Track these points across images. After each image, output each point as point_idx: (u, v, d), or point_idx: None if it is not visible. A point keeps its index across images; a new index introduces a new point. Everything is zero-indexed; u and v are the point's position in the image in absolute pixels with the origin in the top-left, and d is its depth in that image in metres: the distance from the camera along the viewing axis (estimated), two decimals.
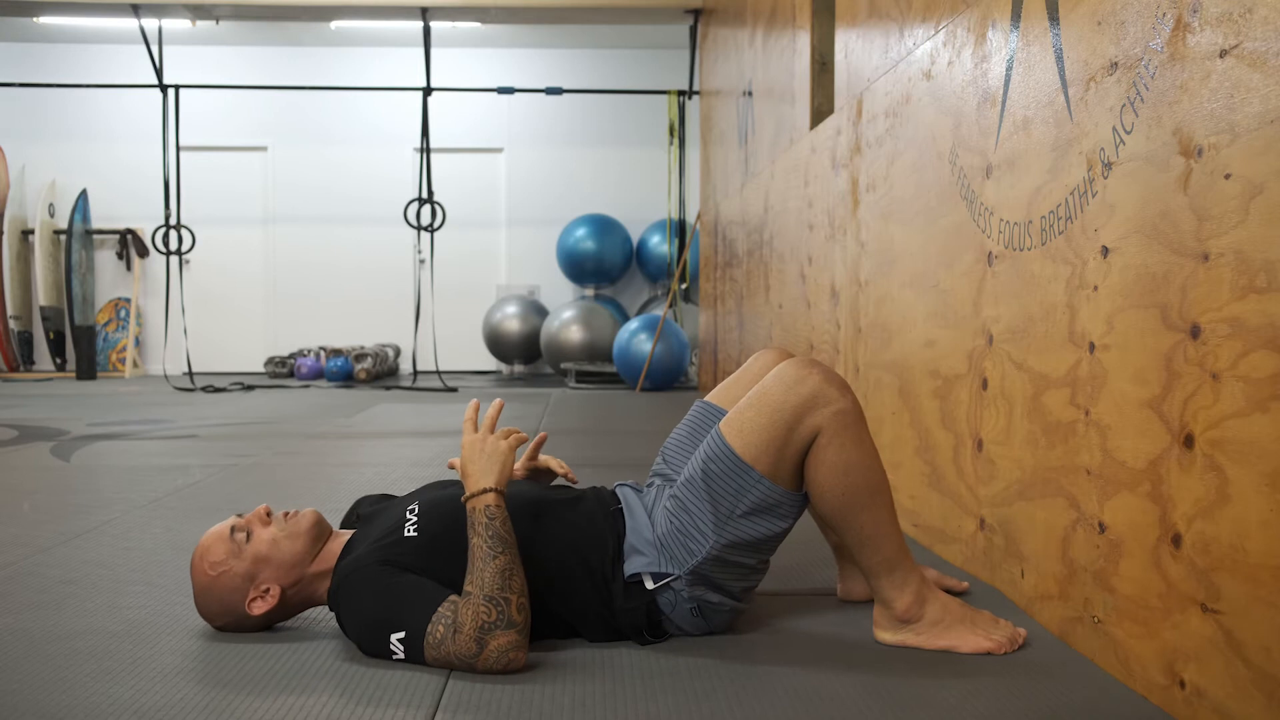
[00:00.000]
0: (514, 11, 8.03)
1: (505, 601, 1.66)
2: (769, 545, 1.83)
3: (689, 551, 1.80)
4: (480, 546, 1.70)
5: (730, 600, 1.85)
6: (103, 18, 8.39)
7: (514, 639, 1.66)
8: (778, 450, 1.75)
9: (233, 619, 1.87)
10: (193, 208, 8.86)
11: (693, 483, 1.81)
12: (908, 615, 1.81)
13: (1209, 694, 1.44)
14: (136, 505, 3.16)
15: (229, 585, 1.84)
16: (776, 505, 1.78)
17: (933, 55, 2.58)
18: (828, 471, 1.76)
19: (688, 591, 1.82)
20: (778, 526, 1.80)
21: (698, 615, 1.84)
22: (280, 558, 1.84)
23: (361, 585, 1.74)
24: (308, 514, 1.89)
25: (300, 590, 1.87)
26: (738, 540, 1.79)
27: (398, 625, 1.69)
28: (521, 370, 9.40)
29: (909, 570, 1.81)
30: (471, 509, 1.74)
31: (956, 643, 1.79)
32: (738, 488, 1.77)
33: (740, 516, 1.78)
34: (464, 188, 9.68)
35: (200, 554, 1.85)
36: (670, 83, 8.93)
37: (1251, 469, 1.34)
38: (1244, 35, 1.37)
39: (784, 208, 4.47)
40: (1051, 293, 1.92)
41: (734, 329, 5.98)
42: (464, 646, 1.65)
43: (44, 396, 7.26)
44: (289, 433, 5.20)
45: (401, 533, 1.81)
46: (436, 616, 1.67)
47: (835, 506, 1.78)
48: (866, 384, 3.14)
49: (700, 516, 1.79)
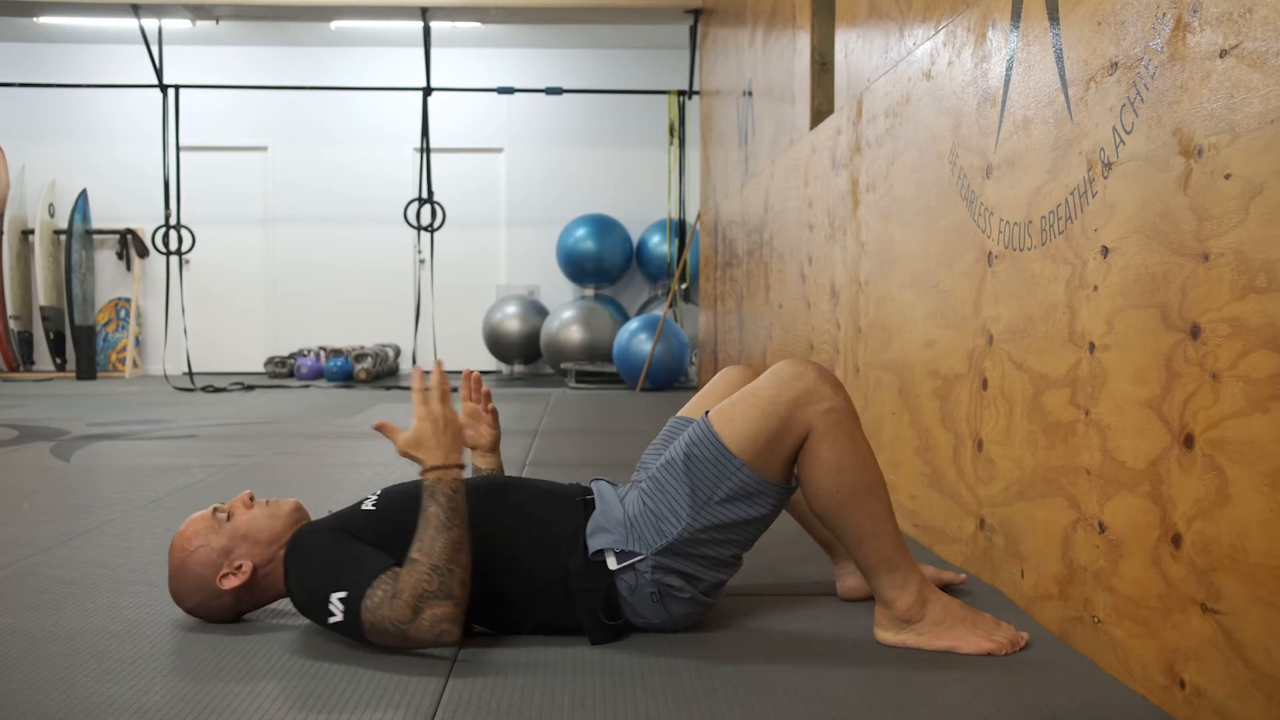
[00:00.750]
0: (514, 11, 8.03)
1: (449, 573, 1.67)
2: (744, 534, 1.81)
3: (659, 532, 1.78)
4: (437, 515, 1.70)
5: (693, 590, 1.83)
6: (103, 18, 8.39)
7: (450, 610, 1.67)
8: (767, 444, 1.75)
9: (201, 597, 1.88)
10: (193, 208, 8.87)
11: (673, 465, 1.80)
12: (909, 615, 1.80)
13: (1209, 694, 1.44)
14: (136, 505, 3.16)
15: (204, 559, 1.86)
16: (756, 494, 1.77)
17: (933, 55, 2.58)
18: (821, 468, 1.76)
19: (651, 575, 1.80)
20: (755, 512, 1.78)
21: (658, 601, 1.81)
22: (258, 534, 1.87)
23: (311, 546, 1.79)
24: (290, 500, 1.96)
25: (271, 573, 1.88)
26: (712, 524, 1.77)
27: (339, 585, 1.72)
28: (521, 370, 9.40)
29: (909, 570, 1.81)
30: (436, 480, 1.73)
31: (958, 643, 1.78)
32: (719, 474, 1.76)
33: (718, 502, 1.77)
34: (464, 188, 9.68)
35: (180, 535, 1.89)
36: (670, 83, 8.93)
37: (1251, 469, 1.34)
38: (1244, 35, 1.37)
39: (784, 208, 4.47)
40: (1051, 293, 1.92)
41: (734, 329, 5.98)
42: (399, 612, 1.66)
43: (44, 396, 7.26)
44: (289, 433, 5.20)
45: (359, 507, 1.87)
46: (378, 581, 1.69)
47: (830, 504, 1.77)
48: (866, 384, 3.14)
49: (676, 498, 1.78)
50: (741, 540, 1.83)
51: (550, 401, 6.83)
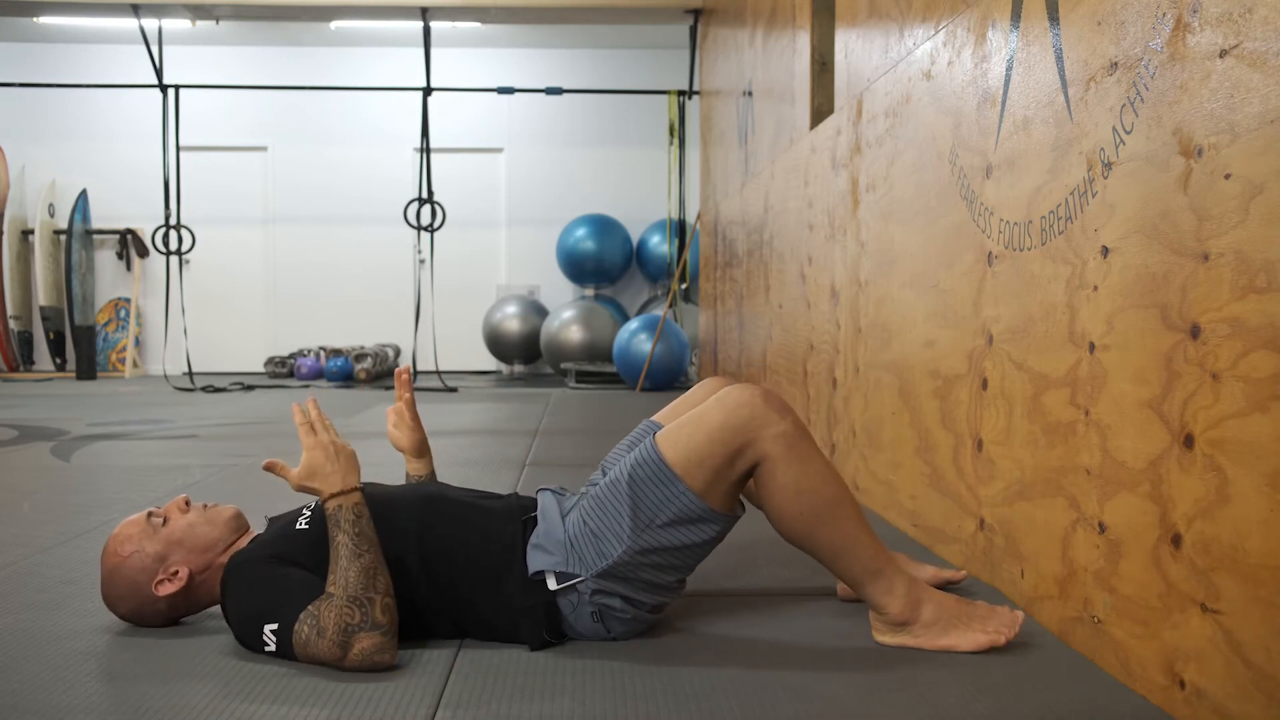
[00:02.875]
0: (514, 11, 8.03)
1: (369, 602, 1.65)
2: (685, 559, 1.79)
3: (600, 554, 1.76)
4: (345, 544, 1.69)
5: (634, 610, 1.81)
6: (103, 18, 8.39)
7: (379, 641, 1.65)
8: (713, 470, 1.73)
9: (135, 603, 1.86)
10: (193, 208, 8.86)
11: (616, 485, 1.77)
12: (902, 618, 1.79)
13: (1209, 694, 1.44)
14: (136, 505, 3.15)
15: (138, 565, 1.84)
16: (699, 520, 1.74)
17: (933, 55, 2.58)
18: (782, 495, 1.73)
19: (590, 597, 1.78)
20: (697, 538, 1.76)
21: (598, 621, 1.80)
22: (194, 541, 1.86)
23: (246, 576, 1.76)
24: (229, 507, 1.94)
25: (207, 580, 1.87)
26: (653, 547, 1.74)
27: (272, 617, 1.70)
28: (521, 370, 9.40)
29: (894, 574, 1.79)
30: (337, 507, 1.72)
31: (956, 642, 1.78)
32: (662, 498, 1.73)
33: (659, 526, 1.74)
34: (464, 188, 9.68)
35: (113, 538, 1.87)
36: (670, 83, 8.93)
37: (1251, 469, 1.34)
38: (1244, 35, 1.37)
39: (784, 208, 4.47)
40: (1051, 293, 1.92)
41: (734, 329, 5.98)
42: (328, 650, 1.65)
43: (44, 396, 7.26)
44: (289, 433, 5.20)
45: (294, 526, 1.83)
46: (305, 615, 1.67)
47: (799, 528, 1.76)
48: (866, 384, 3.14)
49: (619, 519, 1.75)
50: (682, 565, 1.80)
51: (550, 401, 6.84)
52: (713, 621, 1.98)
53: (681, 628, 1.94)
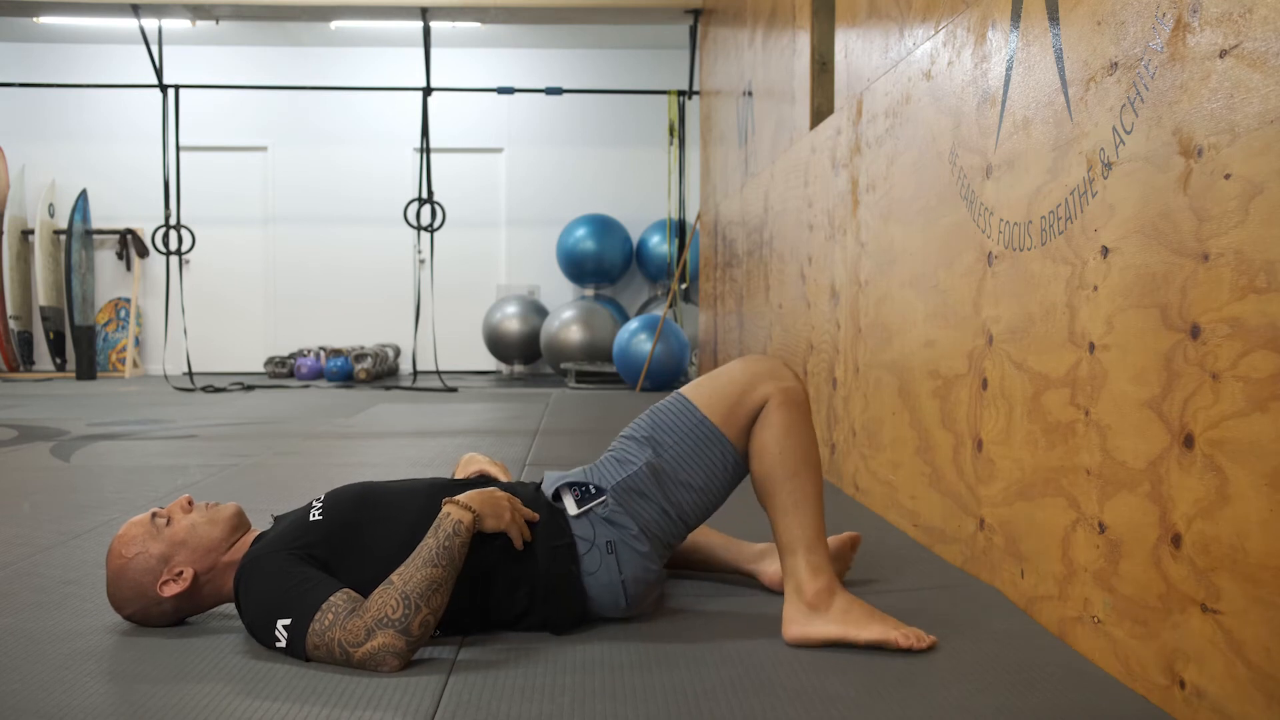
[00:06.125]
0: (514, 11, 8.03)
1: (415, 610, 1.68)
2: (695, 496, 1.90)
3: (621, 468, 1.90)
4: (429, 548, 1.73)
5: (647, 544, 1.87)
6: (103, 18, 8.39)
7: (399, 646, 1.67)
8: (727, 406, 1.91)
9: (141, 605, 1.87)
10: (192, 208, 8.87)
11: (637, 424, 1.96)
12: (816, 602, 1.82)
13: (1209, 694, 1.44)
14: (136, 505, 3.15)
15: (143, 566, 1.85)
16: (711, 442, 1.89)
17: (933, 55, 2.58)
18: (770, 431, 1.89)
19: (607, 524, 1.86)
20: (710, 464, 1.89)
21: (611, 553, 1.86)
22: (197, 541, 1.87)
23: (263, 570, 1.77)
24: (230, 505, 1.95)
25: (213, 579, 1.88)
26: (670, 468, 1.89)
27: (285, 612, 1.71)
28: (521, 370, 9.40)
29: (825, 559, 1.86)
30: (446, 513, 1.77)
31: (862, 632, 1.79)
32: (680, 424, 1.91)
33: (675, 445, 1.90)
34: (464, 188, 9.68)
35: (118, 539, 1.87)
36: (670, 83, 8.93)
37: (1251, 469, 1.34)
38: (1244, 35, 1.37)
39: (784, 208, 4.47)
40: (1051, 293, 1.92)
41: (734, 329, 5.98)
42: (352, 632, 1.67)
43: (44, 396, 7.26)
44: (289, 433, 5.20)
45: (308, 518, 1.86)
46: (328, 604, 1.69)
47: (771, 467, 1.87)
48: (866, 384, 3.14)
49: (638, 445, 1.92)
50: (691, 504, 1.91)
51: (550, 401, 6.83)
52: (713, 621, 1.98)
53: (681, 628, 1.94)
